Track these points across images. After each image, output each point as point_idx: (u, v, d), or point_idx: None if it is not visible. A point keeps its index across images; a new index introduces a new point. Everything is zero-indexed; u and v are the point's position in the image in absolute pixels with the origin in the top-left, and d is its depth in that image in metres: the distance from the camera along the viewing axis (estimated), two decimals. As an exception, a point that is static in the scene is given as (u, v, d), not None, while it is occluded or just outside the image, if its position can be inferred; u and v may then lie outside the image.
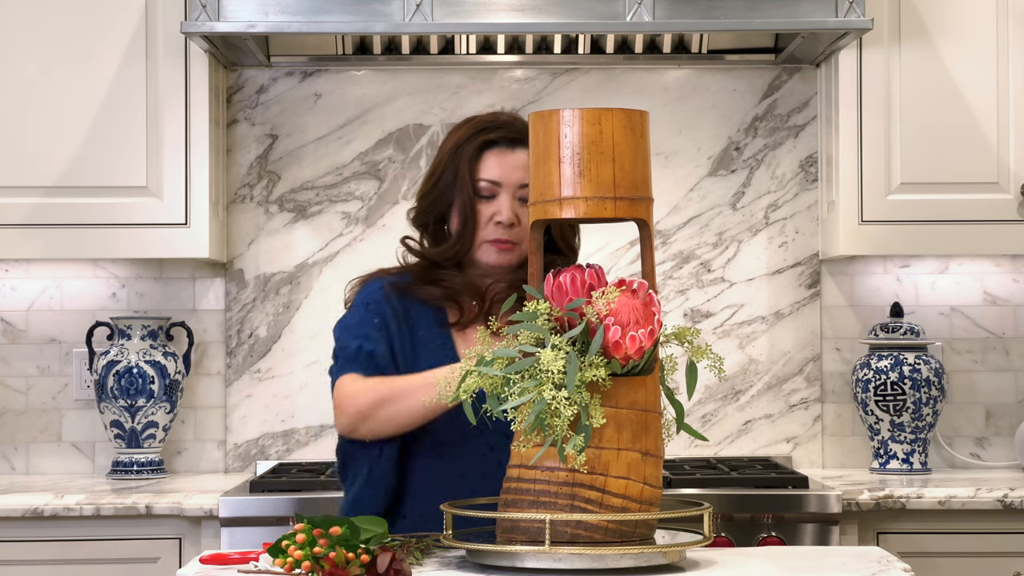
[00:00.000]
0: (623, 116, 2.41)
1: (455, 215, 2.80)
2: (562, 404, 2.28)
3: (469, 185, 2.78)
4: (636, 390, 2.38)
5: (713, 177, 4.24)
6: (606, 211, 2.40)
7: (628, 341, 2.34)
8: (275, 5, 3.70)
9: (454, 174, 2.80)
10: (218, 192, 4.05)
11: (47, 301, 4.19)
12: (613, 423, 2.36)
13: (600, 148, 2.39)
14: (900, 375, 4.03)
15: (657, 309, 2.37)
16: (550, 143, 2.41)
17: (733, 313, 4.24)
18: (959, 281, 4.25)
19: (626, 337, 2.34)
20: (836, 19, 3.71)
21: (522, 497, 2.40)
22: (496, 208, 2.78)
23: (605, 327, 2.34)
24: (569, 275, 2.42)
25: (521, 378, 2.32)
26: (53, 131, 3.88)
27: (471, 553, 2.43)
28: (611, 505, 2.36)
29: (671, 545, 2.39)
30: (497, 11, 3.71)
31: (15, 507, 3.61)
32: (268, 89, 4.22)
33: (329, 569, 2.28)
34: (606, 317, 2.34)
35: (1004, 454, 4.23)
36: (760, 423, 4.23)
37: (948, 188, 3.94)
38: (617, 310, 2.35)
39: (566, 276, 2.42)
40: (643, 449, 2.38)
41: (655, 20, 3.69)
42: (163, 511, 3.61)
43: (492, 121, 2.83)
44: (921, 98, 3.94)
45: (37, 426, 4.18)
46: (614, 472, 2.37)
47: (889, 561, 2.49)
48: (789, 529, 3.59)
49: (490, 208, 2.79)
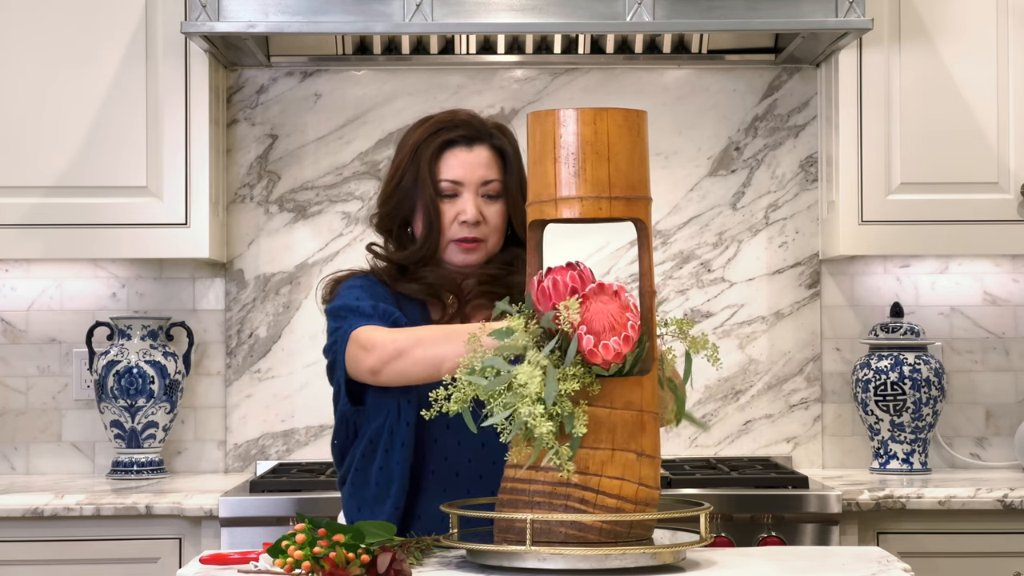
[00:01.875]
0: (618, 116, 2.41)
1: (419, 217, 2.78)
2: (538, 421, 2.28)
3: (430, 186, 2.77)
4: (632, 390, 2.37)
5: (713, 177, 4.24)
6: (601, 211, 2.40)
7: (602, 349, 2.33)
8: (275, 5, 3.70)
9: (415, 176, 2.78)
10: (218, 192, 4.05)
11: (47, 301, 4.19)
12: (607, 424, 2.36)
13: (595, 148, 2.39)
14: (900, 375, 4.03)
15: (633, 315, 2.36)
16: (546, 143, 2.41)
17: (733, 313, 4.24)
18: (959, 281, 4.25)
19: (599, 345, 2.33)
20: (836, 19, 3.71)
21: (517, 497, 2.40)
22: (460, 207, 2.77)
23: (579, 336, 2.33)
24: (551, 279, 2.40)
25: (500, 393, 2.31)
26: (53, 131, 3.88)
27: (471, 553, 2.43)
28: (605, 506, 2.36)
29: (667, 546, 2.39)
30: (497, 11, 3.71)
31: (15, 507, 3.61)
32: (268, 89, 4.22)
33: (329, 569, 2.28)
34: (579, 326, 2.33)
35: (1004, 454, 4.23)
36: (760, 423, 4.23)
37: (948, 188, 3.94)
38: (590, 318, 2.34)
39: (549, 280, 2.41)
40: (638, 449, 2.38)
41: (655, 20, 3.69)
42: (163, 511, 3.61)
43: (450, 120, 2.82)
44: (921, 98, 3.94)
45: (37, 426, 4.19)
46: (608, 473, 2.36)
47: (889, 561, 2.49)
48: (789, 529, 3.59)
49: (454, 208, 2.77)
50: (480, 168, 2.78)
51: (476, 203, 2.77)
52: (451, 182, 2.78)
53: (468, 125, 2.81)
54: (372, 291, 2.76)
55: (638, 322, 2.36)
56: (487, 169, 2.78)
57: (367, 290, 2.76)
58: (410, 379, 2.58)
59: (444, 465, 2.73)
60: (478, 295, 2.79)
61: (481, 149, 2.80)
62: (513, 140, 2.84)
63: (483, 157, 2.79)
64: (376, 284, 2.79)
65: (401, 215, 2.81)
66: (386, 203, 2.82)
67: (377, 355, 2.57)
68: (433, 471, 2.72)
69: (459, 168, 2.78)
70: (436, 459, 2.73)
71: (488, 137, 2.81)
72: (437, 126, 2.80)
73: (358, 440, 2.77)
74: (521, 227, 2.80)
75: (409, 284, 2.79)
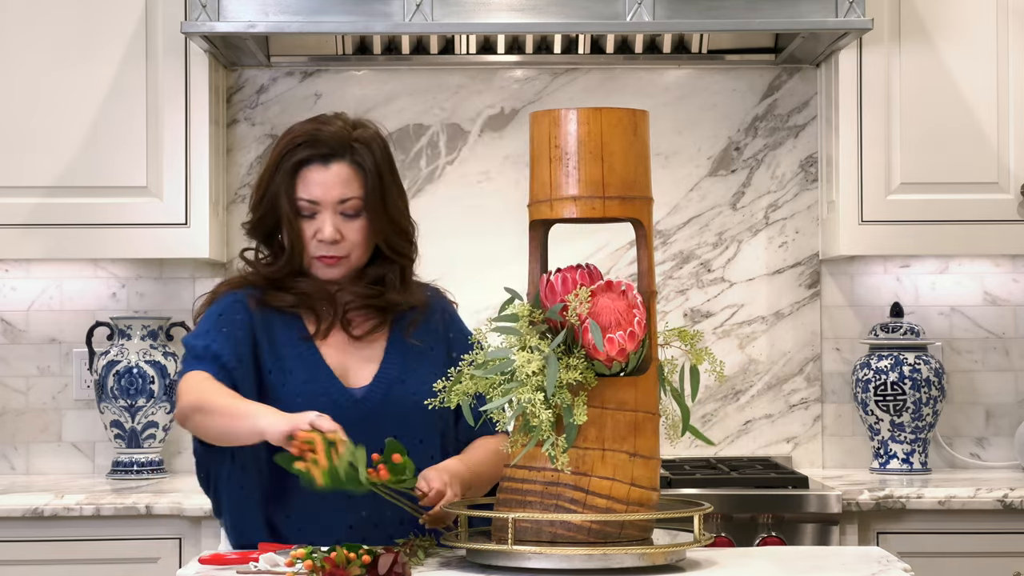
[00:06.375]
0: (614, 116, 2.40)
1: (284, 230, 2.75)
2: (538, 407, 2.28)
3: (287, 205, 2.72)
4: (624, 390, 2.37)
5: (713, 177, 4.24)
6: (595, 211, 2.39)
7: (607, 343, 2.33)
8: (275, 5, 3.70)
9: (276, 192, 2.74)
10: (218, 192, 4.05)
11: (47, 301, 4.19)
12: (597, 424, 2.36)
13: (589, 148, 2.39)
14: (900, 375, 4.03)
15: (639, 312, 2.36)
16: (544, 144, 2.41)
17: (733, 313, 4.24)
18: (959, 281, 4.25)
19: (604, 339, 2.33)
20: (836, 19, 3.71)
21: (512, 496, 2.40)
22: (318, 226, 2.72)
23: (584, 329, 2.34)
24: (561, 276, 2.41)
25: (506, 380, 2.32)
26: (53, 131, 3.88)
27: (471, 553, 2.43)
28: (595, 506, 2.36)
29: (656, 547, 2.39)
30: (497, 11, 3.71)
31: (15, 507, 3.61)
32: (268, 89, 4.22)
33: (330, 569, 2.28)
34: (586, 319, 2.34)
35: (1004, 454, 4.23)
36: (760, 423, 4.23)
37: (948, 188, 3.94)
38: (598, 312, 2.35)
39: (558, 277, 2.42)
40: (631, 450, 2.37)
41: (655, 20, 3.69)
42: (163, 511, 3.61)
43: (309, 136, 2.73)
44: (921, 98, 3.94)
45: (37, 426, 4.19)
46: (598, 473, 2.36)
47: (889, 561, 2.49)
48: (789, 529, 3.60)
49: (312, 226, 2.72)
50: (337, 187, 2.71)
51: (334, 222, 2.71)
52: (308, 201, 2.72)
53: (323, 143, 2.72)
54: (230, 319, 2.72)
55: (644, 320, 2.37)
56: (345, 187, 2.71)
57: (225, 317, 2.72)
58: (204, 437, 2.62)
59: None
60: (357, 307, 2.75)
61: (339, 166, 2.72)
62: (378, 152, 2.75)
63: (341, 174, 2.72)
64: (238, 307, 2.74)
65: (266, 226, 2.78)
66: (255, 212, 2.79)
67: (179, 407, 2.61)
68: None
69: (316, 187, 2.71)
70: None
71: (347, 152, 2.72)
72: (293, 142, 2.73)
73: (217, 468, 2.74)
74: (387, 241, 2.75)
75: (283, 295, 2.75)
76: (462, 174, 4.22)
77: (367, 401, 2.70)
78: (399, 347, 2.76)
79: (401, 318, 2.79)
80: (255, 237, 2.82)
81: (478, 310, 3.96)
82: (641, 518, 2.38)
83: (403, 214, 2.79)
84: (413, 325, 2.78)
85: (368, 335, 2.76)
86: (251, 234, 2.82)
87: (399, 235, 2.77)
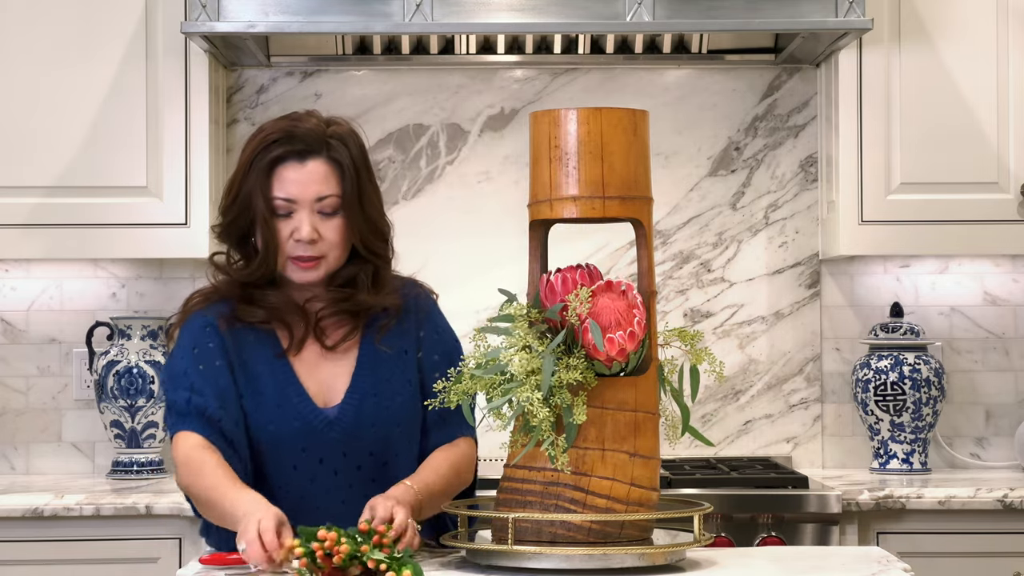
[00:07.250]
0: (613, 115, 2.41)
1: (258, 232, 2.67)
2: (536, 406, 2.28)
3: (262, 204, 2.63)
4: (624, 390, 2.37)
5: (713, 177, 4.24)
6: (595, 211, 2.39)
7: (607, 343, 2.33)
8: (275, 5, 3.70)
9: (250, 191, 2.66)
10: (218, 192, 4.05)
11: (47, 301, 4.19)
12: (597, 424, 2.36)
13: (589, 148, 2.39)
14: (900, 375, 4.03)
15: (639, 312, 2.36)
16: (544, 144, 2.41)
17: (733, 313, 4.24)
18: (959, 281, 4.25)
19: (604, 339, 2.33)
20: (836, 19, 3.71)
21: (512, 496, 2.40)
22: (295, 225, 2.64)
23: (584, 329, 2.34)
24: (561, 276, 2.41)
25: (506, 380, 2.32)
26: (53, 131, 3.88)
27: (471, 553, 2.43)
28: (594, 506, 2.36)
29: (656, 547, 2.39)
30: (497, 11, 3.71)
31: (15, 507, 3.61)
32: (268, 89, 4.22)
33: (328, 570, 2.28)
34: (586, 319, 2.34)
35: (1004, 454, 4.23)
36: (760, 423, 4.23)
37: (948, 188, 3.94)
38: (598, 312, 2.35)
39: (558, 277, 2.42)
40: (631, 450, 2.37)
41: (655, 20, 3.69)
42: (163, 511, 3.61)
43: (283, 133, 2.66)
44: (921, 98, 3.94)
45: (37, 426, 4.19)
46: (598, 473, 2.36)
47: (889, 561, 2.49)
48: (789, 529, 3.60)
49: (288, 226, 2.64)
50: (313, 184, 2.64)
51: (311, 220, 2.64)
52: (284, 200, 2.64)
53: (299, 139, 2.65)
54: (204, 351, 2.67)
55: (644, 320, 2.37)
56: (322, 184, 2.64)
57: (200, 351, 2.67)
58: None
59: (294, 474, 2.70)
60: (330, 313, 2.70)
61: (316, 163, 2.65)
62: (354, 148, 2.68)
63: (318, 172, 2.64)
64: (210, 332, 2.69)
65: (239, 228, 2.70)
66: (226, 214, 2.71)
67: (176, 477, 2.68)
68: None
69: (292, 185, 2.63)
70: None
71: (324, 149, 2.65)
72: (268, 140, 2.66)
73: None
74: (363, 240, 2.69)
75: (253, 310, 2.69)
76: (462, 174, 4.22)
77: (341, 421, 2.65)
78: (370, 356, 2.70)
79: (374, 321, 2.72)
80: (226, 241, 2.73)
81: (478, 310, 3.96)
82: (641, 518, 2.38)
83: (380, 213, 2.72)
84: (383, 330, 2.71)
85: (341, 343, 2.69)
86: (222, 237, 2.73)
87: (375, 234, 2.70)
